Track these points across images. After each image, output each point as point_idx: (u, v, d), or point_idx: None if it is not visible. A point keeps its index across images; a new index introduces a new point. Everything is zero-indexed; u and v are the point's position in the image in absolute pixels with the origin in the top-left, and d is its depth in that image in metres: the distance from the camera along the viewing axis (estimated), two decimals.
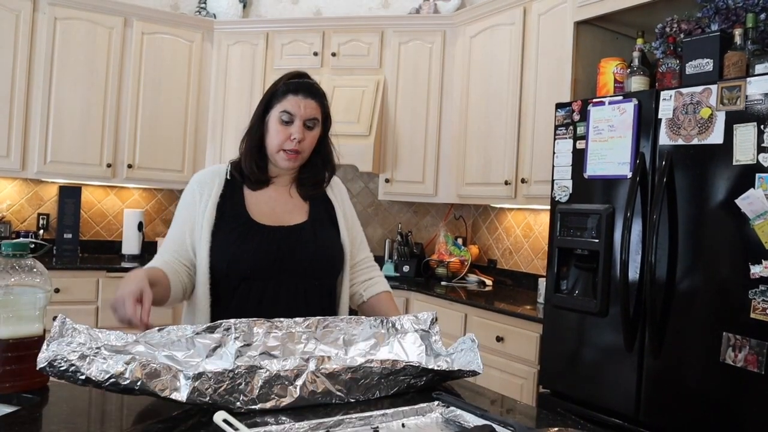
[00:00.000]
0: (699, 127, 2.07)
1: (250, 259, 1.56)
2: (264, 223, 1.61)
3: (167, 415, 1.10)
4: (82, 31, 3.86)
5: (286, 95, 1.61)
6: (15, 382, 1.20)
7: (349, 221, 1.78)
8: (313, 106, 1.62)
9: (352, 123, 3.85)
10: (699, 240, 2.06)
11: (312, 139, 1.65)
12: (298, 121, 1.60)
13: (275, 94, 1.63)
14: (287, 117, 1.60)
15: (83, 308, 3.57)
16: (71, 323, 1.11)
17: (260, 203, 1.65)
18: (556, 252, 2.54)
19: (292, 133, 1.59)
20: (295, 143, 1.60)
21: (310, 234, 1.63)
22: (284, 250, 1.58)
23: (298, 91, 1.61)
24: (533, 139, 3.26)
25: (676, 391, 2.09)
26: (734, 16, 2.34)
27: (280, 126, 1.60)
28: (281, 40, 4.15)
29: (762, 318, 1.86)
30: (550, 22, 3.19)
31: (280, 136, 1.60)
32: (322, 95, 1.67)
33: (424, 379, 1.29)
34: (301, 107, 1.60)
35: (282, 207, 1.67)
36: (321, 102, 1.66)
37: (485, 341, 2.96)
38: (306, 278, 1.60)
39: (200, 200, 1.62)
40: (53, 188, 4.11)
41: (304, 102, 1.60)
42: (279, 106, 1.61)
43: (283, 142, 1.60)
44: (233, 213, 1.61)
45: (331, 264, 1.66)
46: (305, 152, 1.65)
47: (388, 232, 4.34)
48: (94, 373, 1.03)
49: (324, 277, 1.65)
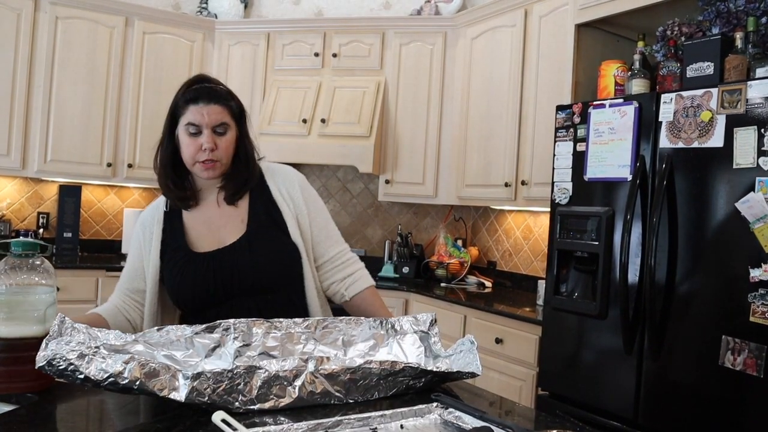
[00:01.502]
0: (699, 131, 2.07)
1: (190, 291, 1.54)
2: (201, 250, 1.57)
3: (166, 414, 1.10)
4: (84, 31, 3.87)
5: (187, 106, 1.53)
6: (11, 384, 1.17)
7: (310, 216, 1.65)
8: (218, 111, 1.53)
9: (353, 124, 3.86)
10: (699, 243, 2.06)
11: (227, 144, 1.55)
12: (206, 130, 1.52)
13: (177, 106, 1.55)
14: (194, 129, 1.52)
15: (83, 307, 3.51)
16: (70, 322, 1.11)
17: (197, 227, 1.61)
18: (556, 254, 2.54)
19: (202, 144, 1.51)
20: (208, 153, 1.51)
21: (245, 251, 1.55)
22: (222, 275, 1.53)
23: (197, 99, 1.52)
24: (533, 141, 3.26)
25: (675, 394, 2.09)
26: (735, 19, 2.34)
27: (189, 139, 1.52)
28: (282, 41, 4.16)
29: (761, 321, 1.86)
30: (551, 24, 3.19)
31: (191, 149, 1.52)
32: (225, 97, 1.57)
33: (423, 381, 1.29)
34: (205, 115, 1.51)
35: (217, 224, 1.60)
36: (226, 104, 1.56)
37: (484, 343, 2.95)
38: (255, 295, 1.55)
39: (144, 243, 1.63)
40: (53, 187, 4.11)
41: (207, 109, 1.52)
42: (183, 118, 1.53)
43: (195, 154, 1.52)
44: (174, 246, 1.59)
45: (275, 276, 1.57)
46: (223, 159, 1.55)
47: (388, 233, 4.34)
48: (93, 372, 1.03)
49: (276, 289, 1.57)
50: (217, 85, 1.59)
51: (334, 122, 3.87)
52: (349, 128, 3.85)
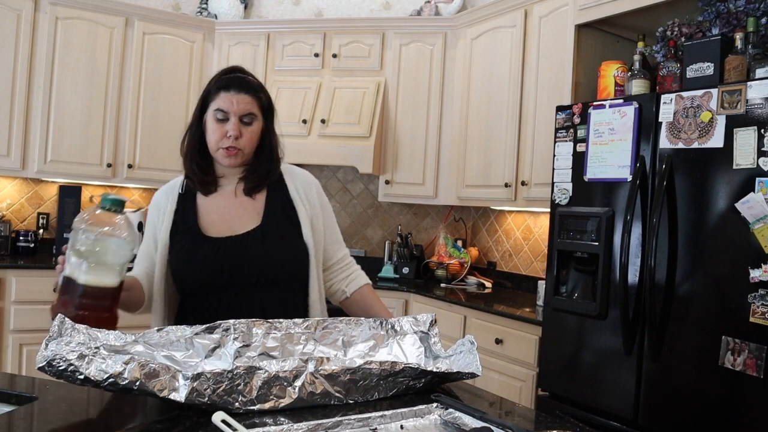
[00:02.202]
0: (699, 131, 2.07)
1: (196, 274, 1.55)
2: (213, 234, 1.58)
3: (166, 415, 1.10)
4: (84, 31, 3.87)
5: (219, 92, 1.58)
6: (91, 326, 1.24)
7: (325, 221, 1.71)
8: (247, 101, 1.58)
9: (353, 124, 3.86)
10: (699, 244, 2.06)
11: (251, 135, 1.60)
12: (233, 118, 1.56)
13: (209, 92, 1.61)
14: (221, 115, 1.57)
15: None
16: (70, 323, 1.11)
17: (211, 212, 1.62)
18: (556, 255, 2.54)
19: (227, 131, 1.56)
20: (232, 140, 1.56)
21: (258, 241, 1.57)
22: (231, 261, 1.54)
23: (229, 87, 1.58)
24: (533, 141, 3.26)
25: (675, 395, 2.09)
26: (735, 20, 2.34)
27: (216, 124, 1.57)
28: (282, 41, 4.16)
29: (761, 322, 1.86)
30: (551, 24, 3.19)
31: (217, 135, 1.57)
32: (256, 89, 1.62)
33: (423, 381, 1.29)
34: (234, 103, 1.56)
35: (232, 213, 1.62)
36: (256, 96, 1.61)
37: (484, 343, 2.95)
38: (260, 287, 1.56)
39: (159, 222, 1.64)
40: (53, 188, 4.11)
41: (237, 97, 1.57)
42: (213, 104, 1.58)
43: (219, 140, 1.57)
44: (185, 227, 1.61)
45: (283, 270, 1.59)
46: (246, 149, 1.59)
47: (387, 234, 4.34)
48: (93, 372, 1.03)
49: (280, 284, 1.59)
50: (250, 77, 1.64)
51: (334, 123, 3.87)
52: (349, 129, 3.85)
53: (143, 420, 1.11)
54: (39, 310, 3.45)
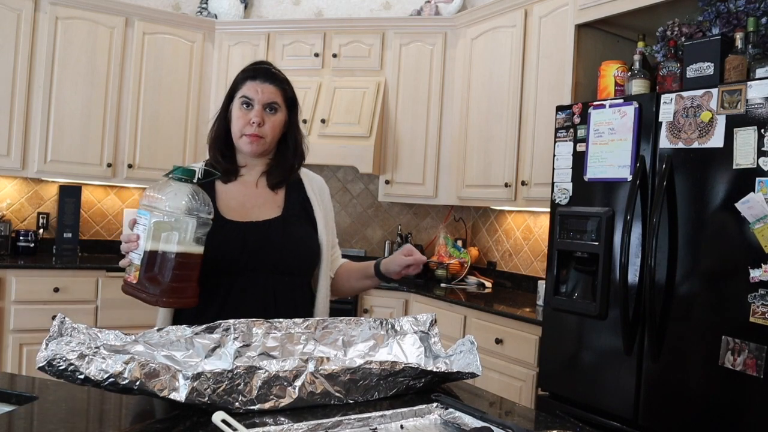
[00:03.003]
0: (699, 131, 2.07)
1: (215, 254, 1.56)
2: (232, 218, 1.61)
3: (166, 415, 1.10)
4: (84, 31, 3.87)
5: (245, 81, 1.65)
6: (179, 298, 1.35)
7: (331, 224, 1.79)
8: (272, 90, 1.64)
9: (353, 124, 3.86)
10: (699, 243, 2.06)
11: (274, 124, 1.65)
12: (257, 105, 1.62)
13: (237, 82, 1.67)
14: (246, 101, 1.63)
15: (83, 308, 3.57)
16: (70, 323, 1.11)
17: (230, 198, 1.66)
18: (556, 254, 2.54)
19: (251, 117, 1.61)
20: (255, 127, 1.61)
21: (279, 230, 1.62)
22: (250, 245, 1.58)
23: (256, 76, 1.65)
24: (534, 141, 3.26)
25: (675, 395, 2.09)
26: (735, 20, 2.34)
27: (241, 111, 1.63)
28: (282, 41, 4.16)
29: (761, 322, 1.86)
30: (551, 24, 3.19)
31: (241, 121, 1.63)
32: (282, 81, 1.68)
33: (423, 381, 1.29)
34: (259, 91, 1.63)
35: (252, 201, 1.67)
36: (281, 87, 1.67)
37: (484, 343, 2.95)
38: (274, 274, 1.60)
39: None
40: (53, 187, 4.12)
41: (262, 86, 1.63)
42: (239, 92, 1.65)
43: (243, 127, 1.63)
44: None
45: (300, 260, 1.65)
46: (268, 137, 1.65)
47: (388, 234, 4.34)
48: (93, 372, 1.03)
49: (294, 274, 1.64)
50: (276, 70, 1.70)
51: (334, 122, 3.87)
52: (349, 128, 3.85)
53: (143, 420, 1.11)
54: (39, 310, 3.45)
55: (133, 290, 1.36)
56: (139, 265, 1.33)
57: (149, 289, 1.33)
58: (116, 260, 4.24)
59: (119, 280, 1.68)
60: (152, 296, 1.33)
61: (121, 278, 1.57)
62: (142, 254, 1.33)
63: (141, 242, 1.33)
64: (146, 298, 1.34)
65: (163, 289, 1.32)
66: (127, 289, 1.38)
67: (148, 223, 1.33)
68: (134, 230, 1.36)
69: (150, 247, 1.32)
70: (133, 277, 1.34)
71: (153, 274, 1.33)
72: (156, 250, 1.33)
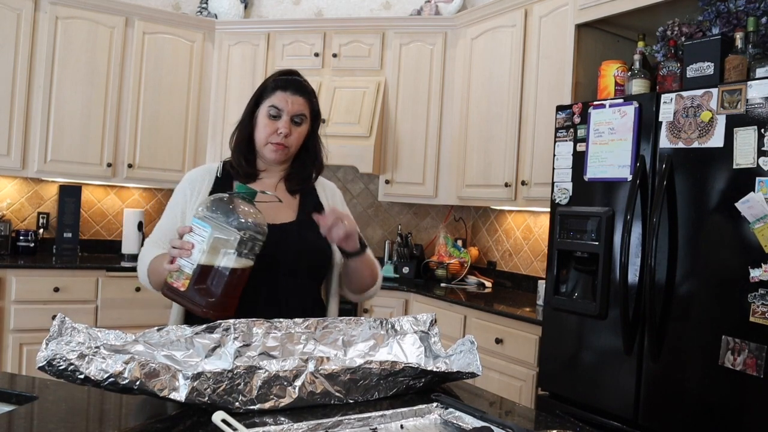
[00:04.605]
0: (699, 131, 2.07)
1: None
2: None
3: (166, 415, 1.10)
4: (84, 31, 3.86)
5: (275, 91, 1.67)
6: (222, 311, 1.35)
7: None
8: (301, 103, 1.67)
9: (353, 124, 3.86)
10: (699, 243, 2.06)
11: (299, 135, 1.69)
12: (285, 116, 1.65)
13: (265, 89, 1.69)
14: (275, 111, 1.65)
15: (83, 307, 3.56)
16: (70, 322, 1.11)
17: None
18: (556, 254, 2.54)
19: (279, 128, 1.64)
20: (281, 137, 1.64)
21: (294, 234, 1.65)
22: (267, 246, 1.57)
23: (287, 87, 1.67)
24: (534, 141, 3.26)
25: (675, 395, 2.09)
26: (735, 19, 2.34)
27: (268, 120, 1.65)
28: (282, 41, 4.16)
29: (761, 322, 1.86)
30: (551, 24, 3.19)
31: (267, 130, 1.65)
32: (310, 93, 1.72)
33: (423, 381, 1.29)
34: (289, 103, 1.65)
35: (269, 205, 1.68)
36: (309, 99, 1.70)
37: (484, 343, 2.95)
38: (287, 277, 1.62)
39: (191, 198, 1.69)
40: (53, 187, 4.11)
41: (292, 98, 1.66)
42: (268, 101, 1.66)
43: (269, 135, 1.65)
44: None
45: (312, 265, 1.68)
46: (292, 147, 1.68)
47: (387, 234, 4.34)
48: (93, 372, 1.03)
49: (306, 278, 1.67)
50: (305, 82, 1.74)
51: (334, 122, 3.87)
52: (349, 128, 3.85)
53: (143, 420, 1.11)
54: (39, 310, 3.45)
55: (178, 298, 1.37)
56: (191, 275, 1.34)
57: (196, 299, 1.34)
58: (117, 260, 4.23)
59: (119, 280, 1.68)
60: (198, 307, 1.34)
61: (120, 278, 1.57)
62: (195, 265, 1.34)
63: (195, 252, 1.34)
64: (192, 308, 1.35)
65: (211, 301, 1.34)
66: (170, 295, 1.38)
67: (208, 236, 1.34)
68: (187, 238, 1.36)
69: (205, 260, 1.34)
70: (182, 285, 1.35)
71: (204, 286, 1.34)
72: (212, 264, 1.34)
